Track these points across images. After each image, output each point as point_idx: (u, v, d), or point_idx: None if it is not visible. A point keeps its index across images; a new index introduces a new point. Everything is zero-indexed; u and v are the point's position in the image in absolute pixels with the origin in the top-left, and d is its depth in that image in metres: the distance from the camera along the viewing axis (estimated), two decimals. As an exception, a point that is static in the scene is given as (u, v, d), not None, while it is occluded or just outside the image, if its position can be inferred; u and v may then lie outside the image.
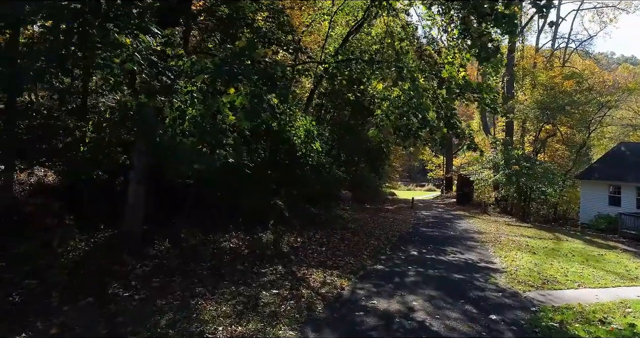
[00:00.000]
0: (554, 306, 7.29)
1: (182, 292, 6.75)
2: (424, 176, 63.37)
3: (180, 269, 8.06)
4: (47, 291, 6.56)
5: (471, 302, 7.23)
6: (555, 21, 32.42)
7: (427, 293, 7.55)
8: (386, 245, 12.33)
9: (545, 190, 24.04)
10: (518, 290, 8.20)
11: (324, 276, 8.25)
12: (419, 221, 19.68)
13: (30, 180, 11.17)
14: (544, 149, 31.75)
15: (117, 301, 6.35)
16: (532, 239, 15.68)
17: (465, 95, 8.91)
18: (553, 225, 23.23)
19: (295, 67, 10.44)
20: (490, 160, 26.06)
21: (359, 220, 17.22)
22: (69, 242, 8.14)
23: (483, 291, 7.97)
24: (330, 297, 7.06)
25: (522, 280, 8.95)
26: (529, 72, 30.62)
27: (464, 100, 9.24)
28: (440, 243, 13.40)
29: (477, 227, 18.59)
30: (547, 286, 8.71)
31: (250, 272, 8.21)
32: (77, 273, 7.37)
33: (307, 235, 12.13)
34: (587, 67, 34.40)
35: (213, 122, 5.58)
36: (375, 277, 8.64)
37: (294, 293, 7.01)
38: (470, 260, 10.84)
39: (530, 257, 11.80)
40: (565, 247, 14.33)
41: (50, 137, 10.16)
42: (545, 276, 9.52)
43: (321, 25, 17.60)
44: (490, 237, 15.48)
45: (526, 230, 18.59)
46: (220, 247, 9.80)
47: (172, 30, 5.80)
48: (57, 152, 10.19)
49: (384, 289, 7.71)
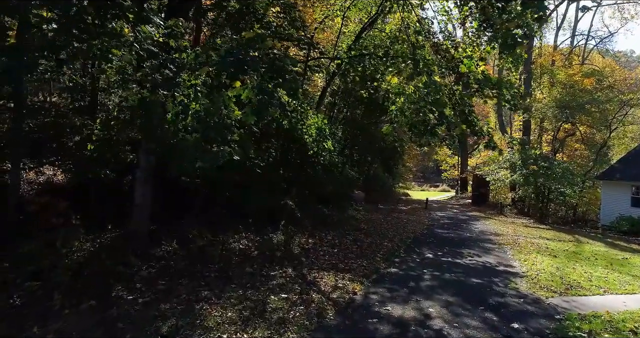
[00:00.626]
0: (580, 314, 6.84)
1: (187, 296, 6.48)
2: (437, 176, 62.65)
3: (187, 271, 7.82)
4: (49, 293, 6.35)
5: (491, 308, 6.84)
6: (579, 8, 31.50)
7: (444, 299, 7.17)
8: (400, 247, 11.95)
9: (565, 191, 23.39)
10: (540, 296, 7.77)
11: (336, 280, 7.92)
12: (434, 222, 19.22)
13: (39, 179, 11.06)
14: (562, 148, 30.98)
15: (120, 304, 6.11)
16: (552, 241, 15.14)
17: (484, 91, 8.49)
18: (572, 227, 22.55)
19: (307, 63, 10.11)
20: (507, 160, 25.47)
21: (372, 221, 16.84)
22: (74, 242, 7.93)
23: (503, 297, 7.56)
24: (342, 302, 6.72)
25: (544, 285, 8.50)
26: (547, 70, 29.87)
27: (483, 96, 8.82)
28: (456, 245, 12.96)
29: (494, 228, 18.06)
30: (570, 292, 8.26)
31: (259, 275, 7.92)
32: (81, 275, 7.16)
33: (318, 236, 11.80)
34: (608, 65, 33.46)
35: (218, 117, 5.29)
36: (389, 280, 8.28)
37: (303, 298, 6.69)
38: (489, 264, 10.40)
39: (551, 260, 11.31)
40: (587, 250, 13.77)
41: (60, 135, 10.05)
42: (568, 281, 9.05)
43: (333, 23, 17.27)
44: (508, 239, 14.98)
45: (545, 232, 18.02)
46: (230, 248, 9.53)
47: (175, 21, 5.54)
48: (65, 150, 10.08)
49: (398, 294, 7.35)
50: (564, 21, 34.90)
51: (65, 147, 10.10)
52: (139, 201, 8.81)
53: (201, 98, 5.32)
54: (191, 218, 10.56)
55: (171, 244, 8.93)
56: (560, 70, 28.88)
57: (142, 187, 8.86)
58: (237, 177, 11.08)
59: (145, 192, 8.88)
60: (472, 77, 8.20)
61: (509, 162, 25.39)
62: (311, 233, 11.91)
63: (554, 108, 26.30)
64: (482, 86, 8.27)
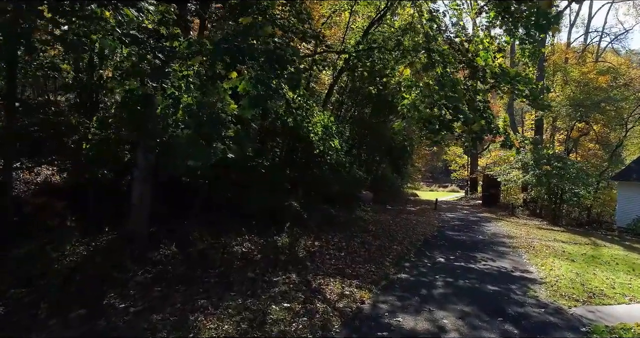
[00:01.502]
0: (607, 326, 6.31)
1: (182, 305, 6.04)
2: (446, 177, 61.93)
3: (185, 276, 7.39)
4: (36, 301, 5.97)
5: (510, 319, 6.32)
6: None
7: (459, 309, 6.66)
8: (410, 251, 11.44)
9: (579, 192, 22.71)
10: (562, 305, 7.24)
11: (342, 287, 7.43)
12: (444, 224, 18.65)
13: (36, 179, 10.72)
14: (576, 148, 30.21)
15: (110, 314, 5.69)
16: (568, 244, 14.53)
17: (501, 86, 7.95)
18: (587, 229, 21.83)
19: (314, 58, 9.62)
20: (519, 160, 24.83)
21: (380, 222, 16.32)
22: (66, 245, 7.53)
23: (522, 306, 7.03)
24: (349, 312, 6.24)
25: (565, 293, 7.96)
26: (560, 67, 29.08)
27: (499, 91, 8.28)
28: (468, 248, 12.42)
29: (507, 230, 17.47)
30: (594, 300, 7.71)
31: (261, 281, 7.46)
32: (73, 280, 6.78)
33: (324, 239, 11.31)
34: (623, 63, 32.59)
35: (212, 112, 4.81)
36: (399, 288, 7.78)
37: (307, 307, 6.21)
38: (504, 269, 9.87)
39: (570, 265, 10.74)
40: (606, 254, 13.16)
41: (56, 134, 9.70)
42: (590, 288, 8.49)
43: (340, 19, 16.79)
44: (522, 241, 14.40)
45: (559, 235, 17.39)
46: (231, 252, 9.09)
47: (167, 7, 5.10)
48: (62, 150, 9.72)
49: (409, 303, 6.84)
50: (577, 18, 33.92)
51: (61, 146, 9.75)
52: (137, 201, 8.41)
53: (193, 90, 4.85)
54: (192, 219, 10.14)
55: (170, 247, 8.51)
56: (574, 68, 28.13)
57: (141, 187, 8.46)
58: (240, 176, 10.67)
59: (144, 192, 8.48)
60: (488, 70, 7.68)
61: (521, 162, 24.76)
62: (317, 236, 11.44)
63: (568, 106, 25.61)
64: (499, 80, 7.73)
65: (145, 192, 8.52)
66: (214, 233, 9.76)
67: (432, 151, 43.52)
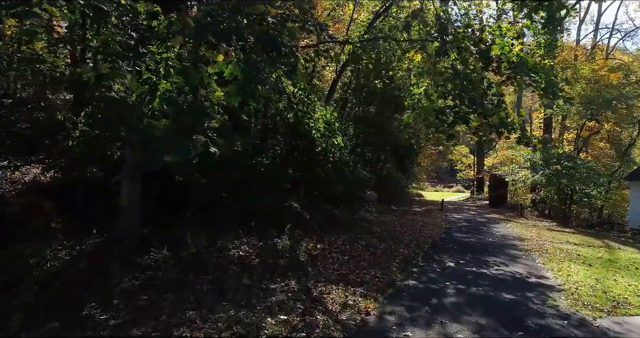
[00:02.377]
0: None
1: (169, 317, 5.46)
2: (451, 177, 61.21)
3: (176, 282, 6.83)
4: (9, 311, 5.44)
5: (531, 333, 5.73)
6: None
7: (474, 321, 6.05)
8: (417, 254, 10.83)
9: (590, 192, 22.02)
10: (586, 316, 6.62)
11: (345, 295, 6.82)
12: (451, 225, 18.01)
13: (24, 178, 10.20)
14: (586, 147, 29.45)
15: (87, 327, 5.15)
16: (581, 247, 13.88)
17: (517, 78, 7.32)
18: (598, 231, 21.12)
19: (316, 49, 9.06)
20: (528, 160, 24.14)
21: (385, 223, 15.70)
22: (47, 249, 6.98)
23: (543, 318, 6.42)
24: (352, 325, 5.63)
25: (587, 302, 7.34)
26: (570, 64, 28.27)
27: (515, 83, 7.64)
28: (478, 252, 11.79)
29: (517, 232, 16.82)
30: (619, 310, 7.08)
31: (257, 288, 6.87)
32: (51, 287, 6.25)
33: (327, 241, 10.71)
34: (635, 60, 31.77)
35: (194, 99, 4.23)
36: (407, 296, 7.17)
37: (306, 320, 5.60)
38: (518, 274, 9.24)
39: (587, 270, 10.11)
40: (623, 257, 12.51)
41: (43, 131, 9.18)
42: (613, 296, 7.88)
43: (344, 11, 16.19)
44: (533, 244, 13.76)
45: (571, 236, 16.71)
46: (228, 255, 8.52)
47: (145, -19, 4.54)
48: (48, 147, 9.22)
49: (419, 314, 6.24)
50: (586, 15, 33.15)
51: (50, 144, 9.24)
52: (125, 201, 7.86)
53: (173, 75, 4.26)
54: (187, 219, 9.58)
55: (161, 251, 7.94)
56: (584, 65, 27.34)
57: (129, 186, 7.91)
58: (239, 175, 10.11)
59: (133, 191, 7.93)
60: (504, 59, 7.05)
61: (530, 161, 24.07)
62: (319, 238, 10.84)
63: (578, 104, 24.85)
64: (517, 71, 7.08)
65: (134, 191, 7.97)
66: (210, 235, 9.19)
67: (437, 150, 42.83)
